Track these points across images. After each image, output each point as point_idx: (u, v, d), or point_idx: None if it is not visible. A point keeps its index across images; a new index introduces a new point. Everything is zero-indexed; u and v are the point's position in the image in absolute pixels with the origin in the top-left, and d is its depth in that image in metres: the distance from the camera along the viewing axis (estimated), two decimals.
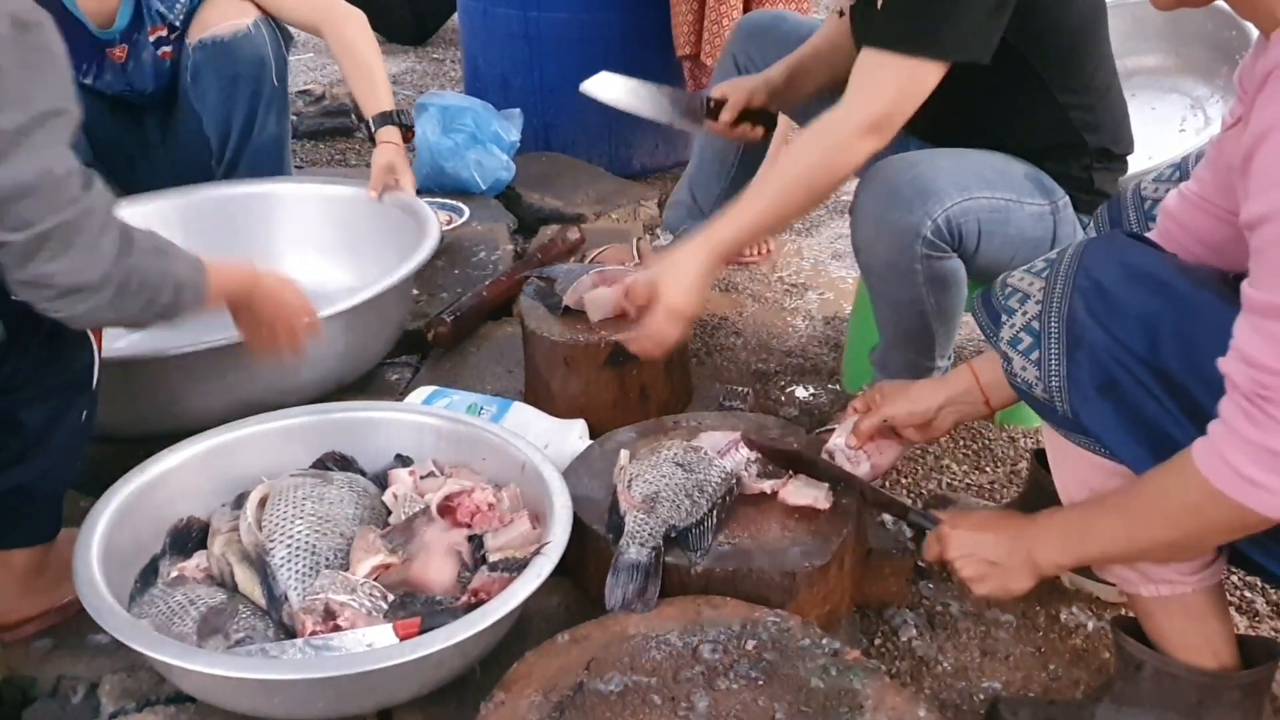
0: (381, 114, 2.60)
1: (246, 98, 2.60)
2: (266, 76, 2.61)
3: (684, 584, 1.62)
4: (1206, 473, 1.21)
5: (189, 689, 1.53)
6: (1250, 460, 1.17)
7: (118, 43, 2.57)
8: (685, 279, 1.84)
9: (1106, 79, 2.03)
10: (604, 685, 1.43)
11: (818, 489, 1.72)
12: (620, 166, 3.67)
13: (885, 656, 1.79)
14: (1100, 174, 2.03)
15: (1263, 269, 1.17)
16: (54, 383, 1.58)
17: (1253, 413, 1.16)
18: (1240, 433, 1.18)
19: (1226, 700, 1.47)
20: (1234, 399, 1.19)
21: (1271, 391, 1.15)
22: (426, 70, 5.12)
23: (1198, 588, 1.45)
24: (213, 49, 2.58)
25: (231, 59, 2.58)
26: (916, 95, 1.81)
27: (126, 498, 1.69)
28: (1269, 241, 1.16)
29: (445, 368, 2.44)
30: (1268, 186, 1.15)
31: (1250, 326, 1.18)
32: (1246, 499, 1.19)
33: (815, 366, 2.66)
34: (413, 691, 1.51)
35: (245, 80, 2.60)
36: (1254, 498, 1.18)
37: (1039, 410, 1.44)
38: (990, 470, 2.26)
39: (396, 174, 2.60)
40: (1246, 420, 1.17)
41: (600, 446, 1.91)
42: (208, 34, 2.58)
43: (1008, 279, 1.45)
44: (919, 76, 1.80)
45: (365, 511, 1.72)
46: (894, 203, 1.85)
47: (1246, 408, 1.17)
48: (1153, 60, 3.20)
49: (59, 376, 1.59)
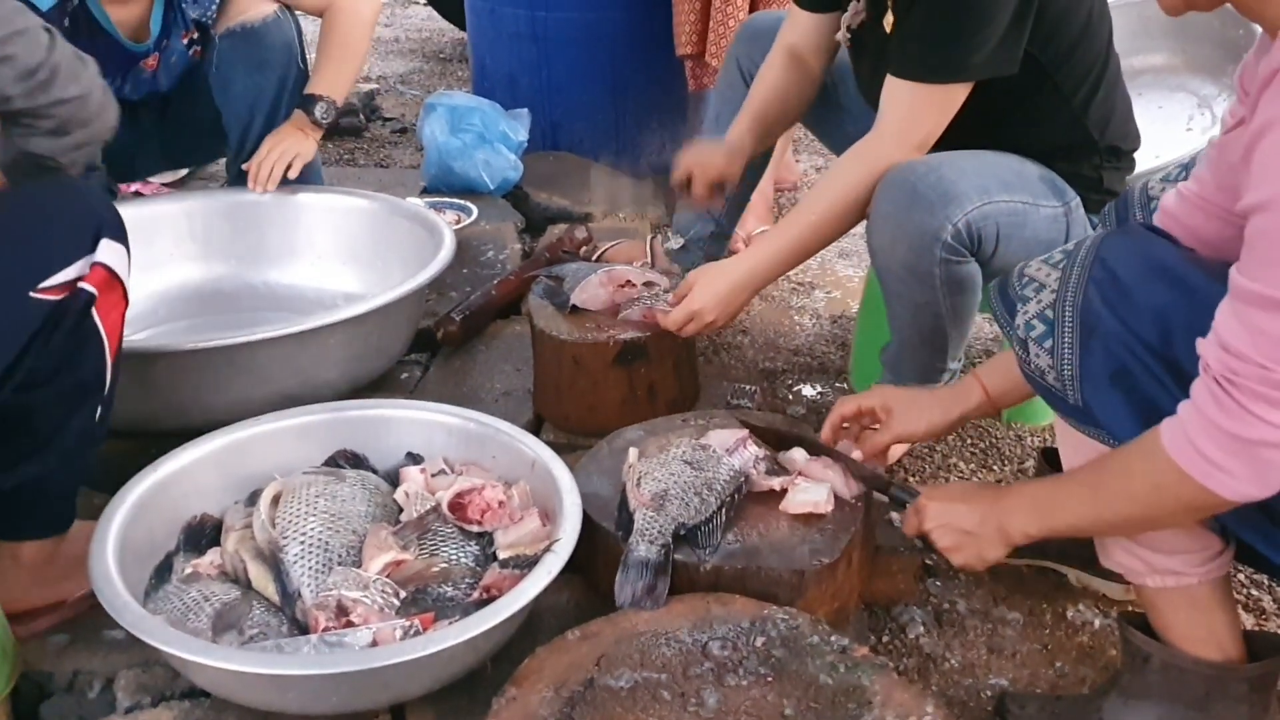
0: (310, 95, 2.56)
1: (274, 83, 2.59)
2: (293, 61, 2.61)
3: (693, 581, 1.63)
4: (1172, 452, 1.23)
5: (204, 684, 1.54)
6: (1214, 444, 1.20)
7: (151, 53, 2.57)
8: (715, 285, 2.00)
9: (1113, 76, 2.04)
10: (614, 681, 1.44)
11: (818, 494, 1.72)
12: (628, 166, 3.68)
13: (893, 654, 1.80)
14: (1110, 173, 2.04)
15: (1253, 257, 1.18)
16: (68, 382, 1.60)
17: (1221, 397, 1.18)
18: (1207, 415, 1.20)
19: (1234, 693, 1.48)
20: (1205, 381, 1.21)
21: (1240, 378, 1.17)
22: (434, 70, 5.14)
23: (1204, 580, 1.46)
24: (241, 36, 2.57)
25: (261, 45, 2.58)
26: (949, 115, 1.91)
27: (141, 495, 1.71)
28: (1261, 231, 1.17)
29: (454, 366, 2.45)
30: (1266, 178, 1.17)
31: (1232, 312, 1.19)
32: (1208, 481, 1.21)
33: (822, 365, 2.67)
34: (425, 687, 1.52)
35: (273, 66, 2.59)
36: (1215, 480, 1.21)
37: (1050, 400, 1.45)
38: (998, 469, 2.27)
39: (268, 159, 2.56)
40: (1214, 404, 1.19)
41: (609, 445, 1.92)
42: (235, 22, 2.58)
43: (1024, 269, 1.46)
44: (952, 100, 1.90)
45: (377, 509, 1.73)
46: (915, 206, 1.86)
47: (1216, 391, 1.19)
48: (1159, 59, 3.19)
49: (72, 376, 1.61)
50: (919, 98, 1.90)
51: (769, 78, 2.29)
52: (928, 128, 1.91)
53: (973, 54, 1.84)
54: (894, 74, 1.91)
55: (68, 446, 1.65)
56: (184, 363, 1.98)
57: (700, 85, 3.49)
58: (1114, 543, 1.51)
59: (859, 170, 1.95)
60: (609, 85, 3.62)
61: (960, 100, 1.90)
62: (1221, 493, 1.21)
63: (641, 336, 2.10)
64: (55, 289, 1.53)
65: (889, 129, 1.93)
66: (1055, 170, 2.01)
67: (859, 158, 1.97)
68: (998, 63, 1.86)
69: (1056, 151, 2.02)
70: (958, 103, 1.90)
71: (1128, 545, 1.49)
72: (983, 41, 1.83)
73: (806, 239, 2.02)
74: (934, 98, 1.89)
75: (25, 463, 1.62)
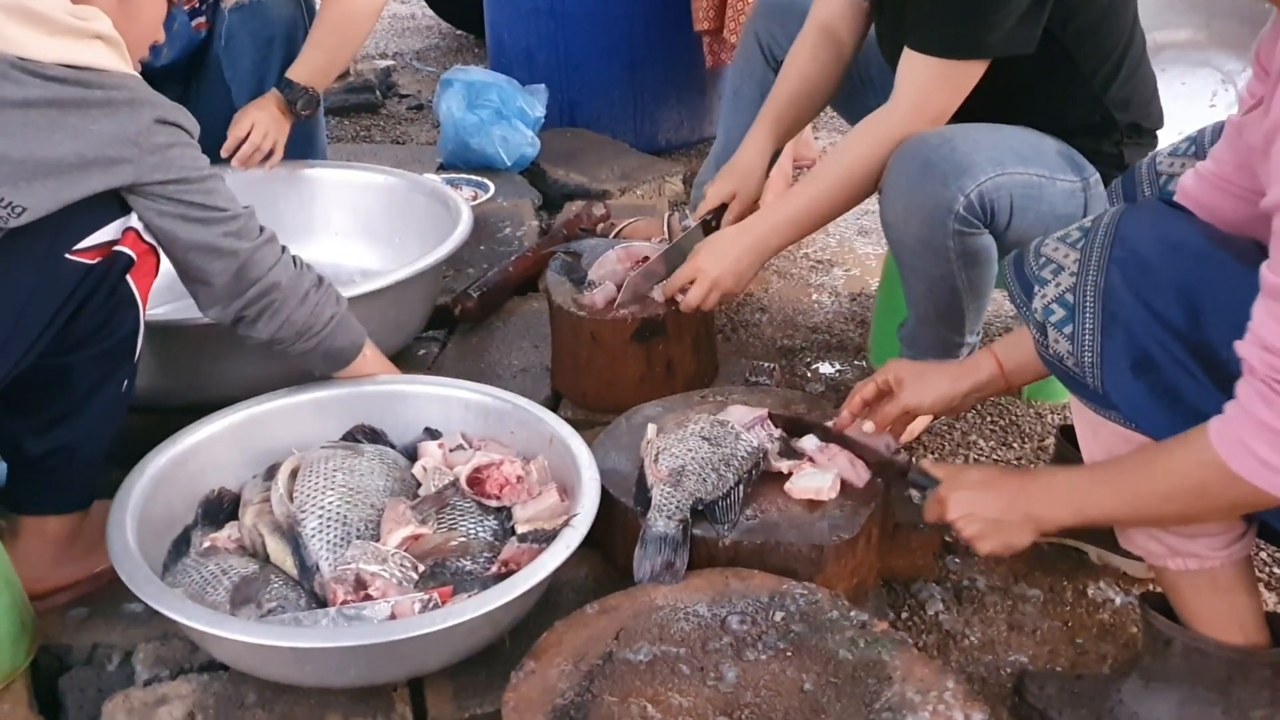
0: (293, 82, 2.51)
1: (281, 59, 2.58)
2: (299, 36, 2.60)
3: (712, 557, 1.63)
4: (1223, 453, 1.21)
5: (222, 657, 1.54)
6: (1266, 444, 1.18)
7: None
8: (722, 253, 2.01)
9: (1137, 54, 2.02)
10: (633, 655, 1.44)
11: (821, 480, 1.71)
12: (645, 142, 3.67)
13: (912, 630, 1.79)
14: (1131, 150, 2.02)
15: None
16: (102, 346, 1.62)
17: (1271, 398, 1.17)
18: (1259, 418, 1.18)
19: (1256, 678, 1.46)
20: (1251, 383, 1.19)
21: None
22: (450, 46, 5.12)
23: (1225, 562, 1.44)
24: (248, 10, 2.56)
25: (267, 19, 2.56)
26: (964, 91, 1.90)
27: (159, 469, 1.71)
28: None
29: (472, 343, 2.45)
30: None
31: (1266, 311, 1.18)
32: (1260, 480, 1.20)
33: (841, 343, 2.66)
34: (443, 660, 1.52)
35: (280, 41, 2.58)
36: (1266, 480, 1.19)
37: (1068, 384, 1.44)
38: (1017, 446, 2.26)
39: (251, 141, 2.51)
40: (1263, 404, 1.17)
41: (627, 421, 1.92)
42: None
43: (1041, 247, 1.44)
44: (968, 76, 1.88)
45: (395, 483, 1.73)
46: (928, 177, 1.85)
47: (1264, 391, 1.17)
48: (1184, 34, 3.16)
49: (107, 340, 1.62)
50: (935, 72, 1.89)
51: (798, 64, 2.25)
52: (942, 103, 1.90)
53: (991, 31, 1.83)
54: (911, 47, 1.90)
55: (98, 413, 1.66)
56: (202, 337, 1.98)
57: (718, 61, 3.47)
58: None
59: (870, 142, 1.95)
60: (626, 61, 3.61)
61: (976, 77, 1.88)
62: (1275, 491, 1.20)
63: (660, 313, 2.09)
64: (91, 251, 1.53)
65: (903, 102, 1.93)
66: (1075, 147, 1.99)
67: (871, 130, 1.96)
68: (1016, 41, 1.84)
69: (1077, 129, 2.00)
70: (973, 79, 1.88)
71: (1148, 528, 1.47)
72: (1002, 19, 1.82)
73: (815, 209, 2.02)
74: (950, 73, 1.88)
75: (57, 427, 1.63)
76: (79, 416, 1.64)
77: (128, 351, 1.66)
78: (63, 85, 1.47)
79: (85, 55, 1.50)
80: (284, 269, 1.72)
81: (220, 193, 1.65)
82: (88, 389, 1.63)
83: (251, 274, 1.68)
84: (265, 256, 1.69)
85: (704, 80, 3.73)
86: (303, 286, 1.75)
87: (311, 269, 1.79)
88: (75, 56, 1.49)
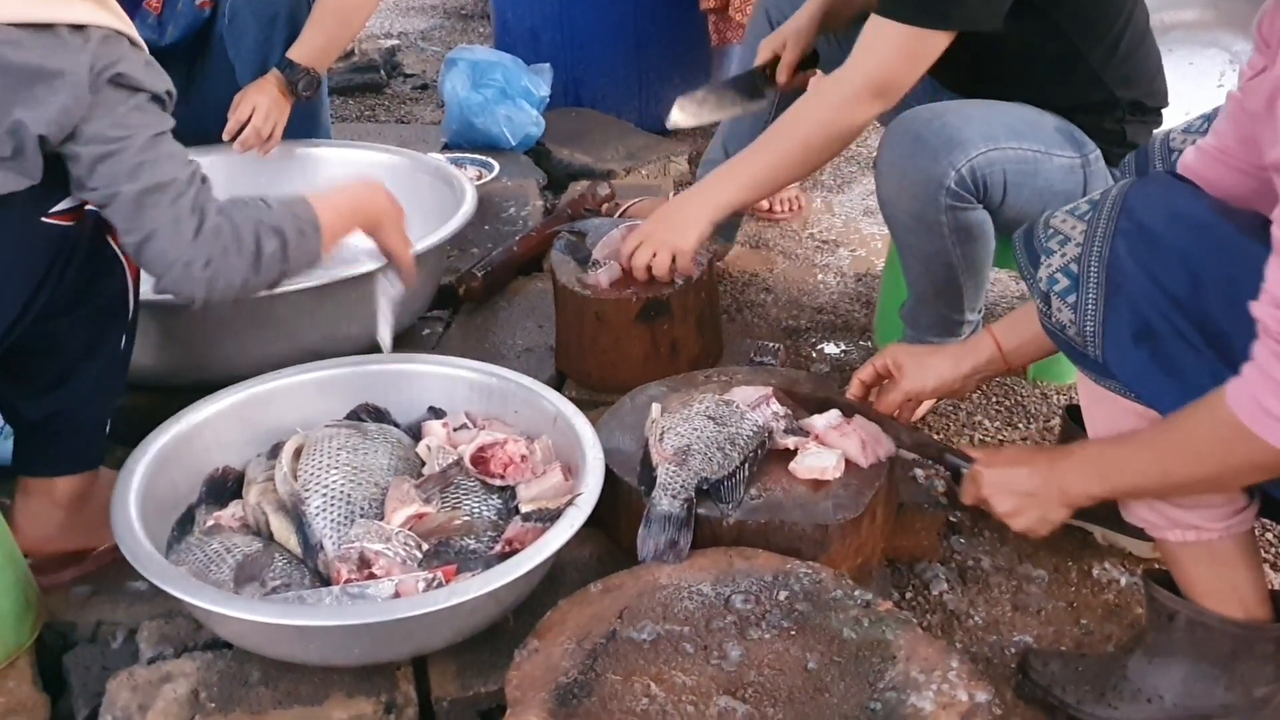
0: (294, 63, 2.50)
1: (284, 38, 2.57)
2: (302, 15, 2.59)
3: (716, 536, 1.62)
4: (1239, 413, 1.21)
5: (226, 635, 1.54)
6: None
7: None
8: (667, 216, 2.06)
9: (1139, 31, 2.00)
10: (637, 633, 1.44)
11: (826, 459, 1.70)
12: (650, 122, 3.65)
13: (916, 610, 1.79)
14: (1134, 127, 2.01)
15: None
16: (90, 307, 1.62)
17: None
18: (1271, 375, 1.17)
19: (1260, 652, 1.46)
20: (1265, 342, 1.18)
21: None
22: (455, 26, 5.11)
23: (1225, 535, 1.44)
24: None
25: None
26: (922, 62, 1.85)
27: (163, 447, 1.71)
28: None
29: (476, 322, 2.44)
30: None
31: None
32: (1276, 439, 1.19)
33: (846, 323, 2.65)
34: (447, 639, 1.52)
35: (283, 19, 2.56)
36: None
37: (1070, 354, 1.43)
38: (1023, 427, 2.25)
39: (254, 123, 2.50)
40: (1277, 362, 1.17)
41: (632, 400, 1.91)
42: None
43: (1050, 219, 1.43)
44: (926, 44, 1.83)
45: (399, 462, 1.73)
46: (919, 152, 1.84)
47: (1278, 350, 1.16)
48: (1191, 14, 3.14)
49: (95, 301, 1.62)
50: (890, 35, 1.85)
51: None
52: (893, 68, 1.86)
53: (959, 5, 1.80)
54: (878, 11, 1.86)
55: (97, 373, 1.66)
56: (206, 316, 1.98)
57: (723, 40, 3.46)
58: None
59: (824, 106, 1.93)
60: (631, 40, 3.59)
61: (939, 49, 1.84)
62: None
63: (664, 293, 2.08)
64: (66, 214, 1.52)
65: (854, 61, 1.90)
66: (1077, 124, 1.98)
67: (826, 93, 1.94)
68: (976, 17, 1.82)
69: (1077, 107, 1.99)
70: (935, 52, 1.84)
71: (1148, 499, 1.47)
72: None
73: (769, 173, 2.00)
74: (906, 38, 1.83)
75: (54, 391, 1.63)
76: (75, 379, 1.64)
77: (119, 310, 1.65)
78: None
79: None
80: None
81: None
82: (81, 351, 1.63)
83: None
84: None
85: (709, 59, 3.71)
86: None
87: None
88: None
